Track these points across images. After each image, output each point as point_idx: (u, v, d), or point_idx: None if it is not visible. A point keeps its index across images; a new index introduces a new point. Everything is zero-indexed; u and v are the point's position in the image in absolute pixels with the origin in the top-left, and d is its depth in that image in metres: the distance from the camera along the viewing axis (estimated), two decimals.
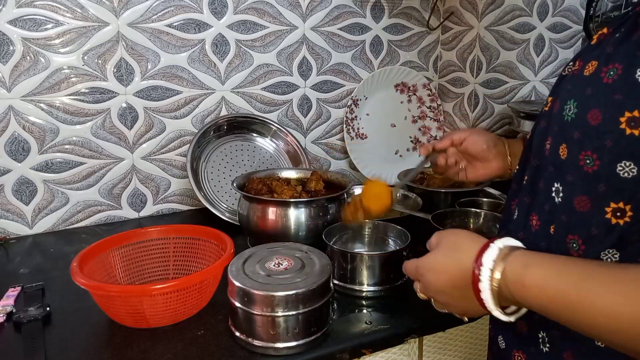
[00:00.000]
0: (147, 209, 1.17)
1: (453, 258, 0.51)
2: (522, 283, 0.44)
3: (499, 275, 0.45)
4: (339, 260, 0.78)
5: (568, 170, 0.48)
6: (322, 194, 0.96)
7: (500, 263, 0.46)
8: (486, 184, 1.14)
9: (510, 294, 0.45)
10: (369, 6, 1.30)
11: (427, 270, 0.54)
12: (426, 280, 0.54)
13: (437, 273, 0.52)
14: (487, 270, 0.46)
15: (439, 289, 0.53)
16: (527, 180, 0.56)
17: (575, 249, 0.48)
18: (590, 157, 0.45)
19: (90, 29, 1.01)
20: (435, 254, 0.54)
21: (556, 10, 1.37)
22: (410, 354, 0.78)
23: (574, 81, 0.50)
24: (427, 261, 0.54)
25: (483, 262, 0.46)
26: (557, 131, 0.50)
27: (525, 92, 1.42)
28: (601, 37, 0.50)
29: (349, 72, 1.33)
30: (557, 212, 0.50)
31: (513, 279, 0.44)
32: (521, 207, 0.57)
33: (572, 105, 0.48)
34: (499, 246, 0.47)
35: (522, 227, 0.55)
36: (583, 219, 0.47)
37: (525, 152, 0.60)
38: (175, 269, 0.83)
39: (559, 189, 0.49)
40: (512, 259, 0.45)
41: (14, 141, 1.00)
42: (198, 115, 1.17)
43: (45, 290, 0.80)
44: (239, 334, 0.65)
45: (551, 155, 0.51)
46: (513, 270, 0.45)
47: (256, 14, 1.17)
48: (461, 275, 0.49)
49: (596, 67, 0.47)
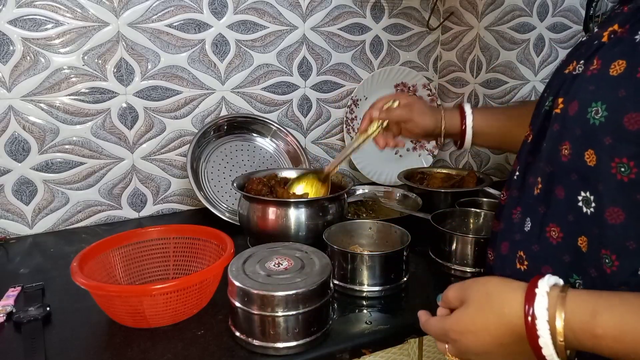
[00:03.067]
0: (147, 209, 1.17)
1: (492, 313, 0.45)
2: (593, 333, 0.39)
3: (560, 326, 0.41)
4: (339, 260, 0.78)
5: (599, 179, 0.44)
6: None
7: (559, 313, 0.41)
8: (486, 184, 1.14)
9: (579, 344, 0.41)
10: (369, 6, 1.31)
11: (460, 333, 0.47)
12: (462, 345, 0.47)
13: (475, 334, 0.46)
14: (545, 323, 0.41)
15: (481, 351, 0.46)
16: (540, 188, 0.52)
17: (608, 264, 0.44)
18: (626, 165, 0.42)
19: (90, 29, 1.01)
20: (467, 312, 0.47)
21: (556, 10, 1.37)
22: (410, 354, 0.79)
23: (597, 81, 0.46)
24: (458, 322, 0.48)
25: (537, 314, 0.41)
26: (580, 136, 0.46)
27: (525, 92, 1.42)
28: (616, 35, 0.47)
29: (349, 72, 1.33)
30: (587, 224, 0.46)
31: (580, 328, 0.40)
32: (533, 218, 0.52)
33: (600, 108, 0.44)
34: (545, 290, 0.42)
35: (536, 239, 0.51)
36: (616, 232, 0.43)
37: (525, 156, 0.56)
38: (175, 269, 0.83)
39: (589, 199, 0.46)
40: (572, 306, 0.41)
41: (14, 141, 1.00)
42: (198, 115, 1.17)
43: (45, 290, 0.80)
44: (239, 334, 0.65)
45: (573, 162, 0.47)
46: (578, 320, 0.40)
47: (256, 14, 1.17)
48: (508, 331, 0.44)
49: (626, 66, 0.43)
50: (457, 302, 0.49)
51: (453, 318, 0.48)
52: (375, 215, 1.14)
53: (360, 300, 0.78)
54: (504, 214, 0.58)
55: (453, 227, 0.95)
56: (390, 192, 1.21)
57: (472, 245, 0.84)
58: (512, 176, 0.59)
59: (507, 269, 0.55)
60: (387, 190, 1.22)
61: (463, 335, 0.47)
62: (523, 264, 0.53)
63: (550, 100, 0.53)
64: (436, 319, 0.51)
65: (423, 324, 0.53)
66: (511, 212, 0.56)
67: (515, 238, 0.55)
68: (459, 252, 0.85)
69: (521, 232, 0.54)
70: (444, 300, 0.52)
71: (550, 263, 0.50)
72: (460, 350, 0.48)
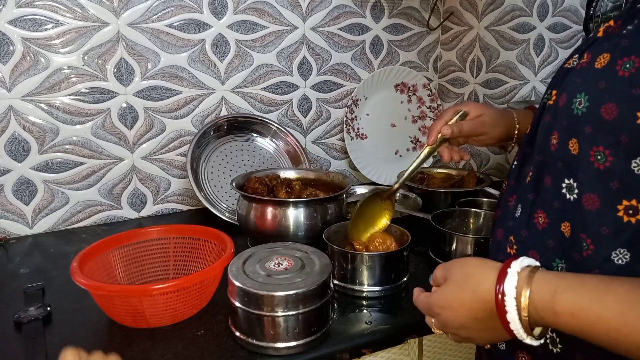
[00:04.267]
0: (147, 209, 1.17)
1: (468, 291, 0.48)
2: (553, 310, 0.42)
3: (525, 303, 0.43)
4: (339, 260, 0.78)
5: (580, 166, 0.47)
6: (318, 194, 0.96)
7: (524, 291, 0.43)
8: (486, 184, 1.14)
9: (542, 320, 0.43)
10: (369, 6, 1.31)
11: (441, 307, 0.51)
12: (443, 318, 0.51)
13: (454, 309, 0.49)
14: (512, 300, 0.44)
15: (458, 324, 0.49)
16: (531, 176, 0.54)
17: (584, 249, 0.46)
18: (602, 153, 0.44)
19: (90, 29, 1.01)
20: (447, 289, 0.51)
21: (556, 10, 1.37)
22: (410, 354, 0.79)
23: (584, 74, 0.48)
24: (440, 298, 0.51)
25: (505, 291, 0.44)
26: (566, 125, 0.48)
27: (525, 92, 1.42)
28: (609, 30, 0.48)
29: (349, 72, 1.33)
30: (570, 210, 0.48)
31: (542, 306, 0.42)
32: (524, 204, 0.55)
33: (583, 99, 0.46)
34: (516, 270, 0.45)
35: (525, 224, 0.54)
36: (591, 217, 0.45)
37: (523, 147, 0.58)
38: (175, 269, 0.83)
39: (572, 186, 0.48)
40: (536, 285, 0.43)
41: (14, 141, 1.00)
42: (198, 115, 1.17)
43: (45, 290, 0.80)
44: (239, 334, 0.65)
45: (559, 150, 0.49)
46: (540, 297, 0.43)
47: (256, 14, 1.17)
48: (481, 307, 0.47)
49: (609, 60, 0.45)
50: (442, 280, 0.52)
51: (436, 294, 0.52)
52: None
53: (360, 300, 0.78)
54: (501, 202, 0.61)
55: (453, 227, 0.95)
56: None
57: (472, 245, 0.84)
58: (511, 167, 0.61)
59: (500, 254, 0.58)
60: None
61: (444, 309, 0.50)
62: (512, 248, 0.56)
63: (548, 94, 0.55)
64: (424, 294, 0.55)
65: (414, 300, 0.57)
66: (507, 200, 0.59)
67: (508, 224, 0.57)
68: (459, 252, 0.85)
69: (513, 218, 0.56)
70: (433, 279, 0.55)
71: (536, 248, 0.52)
72: (442, 323, 0.51)
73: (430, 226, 0.90)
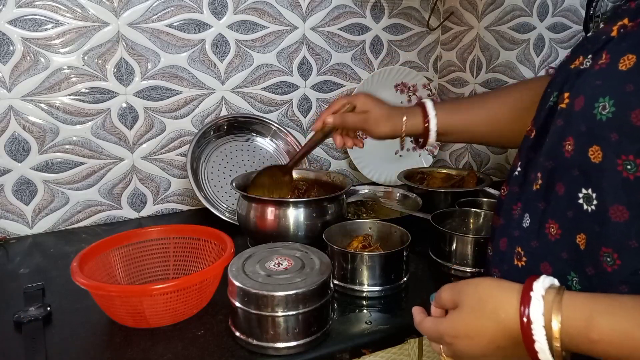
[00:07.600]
0: (147, 209, 1.17)
1: (488, 318, 0.44)
2: (589, 338, 0.39)
3: (557, 331, 0.40)
4: (339, 260, 0.78)
5: (603, 176, 0.44)
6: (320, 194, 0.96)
7: (555, 317, 0.40)
8: (486, 184, 1.14)
9: (575, 348, 0.41)
10: (369, 6, 1.31)
11: (455, 337, 0.47)
12: (459, 348, 0.47)
13: (472, 338, 0.45)
14: (541, 329, 0.41)
15: (478, 354, 0.46)
16: (540, 184, 0.51)
17: (609, 263, 0.43)
18: (633, 162, 0.41)
19: (90, 29, 1.01)
20: (460, 316, 0.47)
21: (556, 10, 1.37)
22: (410, 354, 0.79)
23: (605, 76, 0.45)
24: (453, 327, 0.47)
25: (532, 319, 0.41)
26: (585, 131, 0.45)
27: None
28: (626, 29, 0.46)
29: (349, 72, 1.33)
30: (587, 221, 0.45)
31: (576, 333, 0.40)
32: (533, 214, 0.52)
33: (608, 104, 0.43)
34: (541, 293, 0.42)
35: (535, 235, 0.51)
36: (619, 230, 0.42)
37: (526, 152, 0.56)
38: (175, 269, 0.83)
39: (590, 196, 0.45)
40: (568, 310, 0.40)
41: (14, 141, 1.00)
42: (198, 115, 1.17)
43: (45, 290, 0.80)
44: (239, 334, 0.65)
45: (576, 157, 0.46)
46: (574, 325, 0.40)
47: (256, 14, 1.17)
48: (505, 335, 0.43)
49: (635, 61, 0.42)
50: (450, 304, 0.49)
51: (447, 322, 0.48)
52: (375, 215, 1.14)
53: (360, 300, 0.78)
54: (503, 210, 0.57)
55: (453, 227, 0.95)
56: (390, 192, 1.21)
57: (472, 245, 0.84)
58: (512, 172, 0.58)
59: (504, 265, 0.55)
60: (387, 190, 1.22)
61: (458, 339, 0.47)
62: (521, 260, 0.53)
63: (554, 96, 0.52)
64: (430, 320, 0.51)
65: (417, 324, 0.53)
66: (511, 207, 0.56)
67: (514, 234, 0.54)
68: (459, 252, 0.85)
69: (520, 228, 0.53)
70: (437, 301, 0.51)
71: (548, 260, 0.50)
72: (456, 353, 0.48)
73: (430, 226, 0.90)
